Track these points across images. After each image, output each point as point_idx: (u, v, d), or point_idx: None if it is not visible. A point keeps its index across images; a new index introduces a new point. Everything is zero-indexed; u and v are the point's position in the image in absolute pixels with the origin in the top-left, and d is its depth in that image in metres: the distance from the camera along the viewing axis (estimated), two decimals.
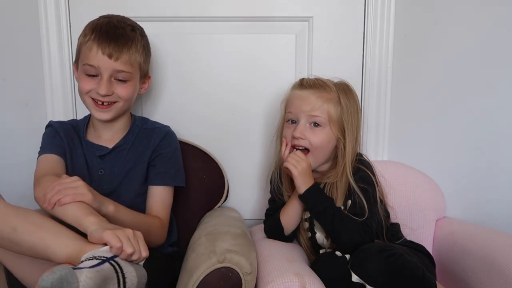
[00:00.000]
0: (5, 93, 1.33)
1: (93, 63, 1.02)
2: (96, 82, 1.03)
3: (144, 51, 1.09)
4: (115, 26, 1.05)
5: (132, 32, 1.07)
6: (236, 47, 1.33)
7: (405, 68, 1.33)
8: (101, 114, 1.06)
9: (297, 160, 1.04)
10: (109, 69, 1.02)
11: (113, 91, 1.04)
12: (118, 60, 1.02)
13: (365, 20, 1.32)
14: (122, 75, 1.04)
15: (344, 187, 1.07)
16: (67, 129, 1.12)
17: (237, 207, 1.36)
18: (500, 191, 1.33)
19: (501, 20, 1.27)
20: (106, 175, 1.09)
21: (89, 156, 1.10)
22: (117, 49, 1.02)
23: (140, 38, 1.08)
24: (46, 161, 1.06)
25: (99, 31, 1.03)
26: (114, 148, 1.10)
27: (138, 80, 1.10)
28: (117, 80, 1.05)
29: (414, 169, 1.32)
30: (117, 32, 1.04)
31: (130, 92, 1.07)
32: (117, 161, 1.10)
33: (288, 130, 1.11)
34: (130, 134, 1.13)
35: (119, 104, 1.07)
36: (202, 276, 0.87)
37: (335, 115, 1.07)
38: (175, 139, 1.16)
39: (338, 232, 1.01)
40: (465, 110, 1.32)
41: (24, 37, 1.31)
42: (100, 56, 1.01)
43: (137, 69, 1.08)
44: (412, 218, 1.25)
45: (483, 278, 1.01)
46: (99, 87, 1.03)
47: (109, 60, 1.01)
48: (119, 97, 1.06)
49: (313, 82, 1.10)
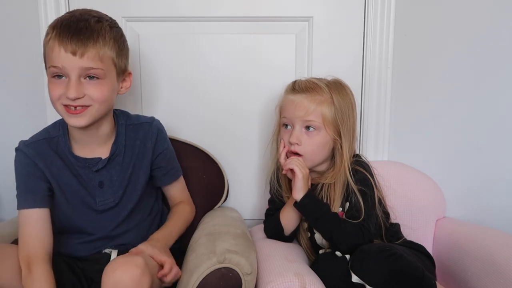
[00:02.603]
0: (5, 93, 1.33)
1: (57, 64, 0.90)
2: (65, 85, 0.91)
3: (116, 43, 0.96)
4: (77, 19, 0.92)
5: (98, 23, 0.93)
6: (236, 47, 1.33)
7: (405, 68, 1.33)
8: (74, 121, 0.93)
9: (301, 165, 1.05)
10: (76, 68, 0.90)
11: (84, 92, 0.92)
12: (83, 56, 0.90)
13: (365, 20, 1.32)
14: (92, 72, 0.92)
15: (341, 187, 1.07)
16: (43, 152, 1.00)
17: (237, 207, 1.36)
18: (500, 191, 1.33)
19: (501, 20, 1.28)
20: (107, 187, 1.02)
21: (82, 172, 1.01)
22: (81, 44, 0.90)
23: (109, 30, 0.95)
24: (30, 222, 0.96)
25: (60, 27, 0.91)
26: (109, 157, 1.02)
27: (115, 78, 0.98)
28: (88, 79, 0.93)
29: (414, 169, 1.32)
30: (79, 25, 0.91)
31: (104, 92, 0.94)
32: (115, 169, 1.03)
33: (285, 134, 1.11)
34: (119, 137, 1.04)
35: (94, 108, 0.94)
36: (202, 276, 0.88)
37: (330, 117, 1.07)
38: (164, 129, 1.12)
39: (336, 238, 1.01)
40: (465, 110, 1.32)
41: (24, 37, 1.31)
42: (63, 55, 0.89)
43: (110, 65, 0.95)
44: (412, 218, 1.25)
45: (483, 278, 1.01)
46: (67, 90, 0.90)
47: (73, 57, 0.89)
48: (92, 100, 0.93)
49: (305, 85, 1.08)
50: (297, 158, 1.06)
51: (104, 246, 1.04)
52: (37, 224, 0.96)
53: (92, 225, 1.04)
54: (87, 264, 1.02)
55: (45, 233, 0.97)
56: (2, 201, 1.34)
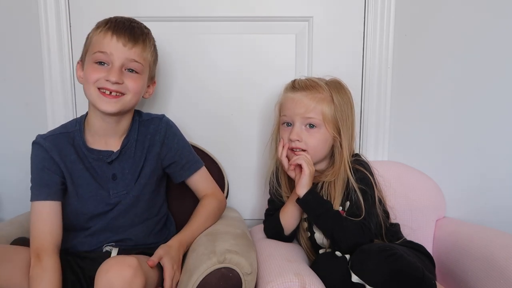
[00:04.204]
0: (5, 93, 1.33)
1: (106, 50, 0.98)
2: (106, 71, 0.99)
3: (154, 52, 1.08)
4: (129, 20, 1.04)
5: (146, 29, 1.06)
6: (236, 47, 1.33)
7: (405, 68, 1.33)
8: (107, 106, 0.99)
9: (309, 162, 1.05)
10: (122, 58, 0.99)
11: (124, 80, 0.99)
12: (132, 49, 0.99)
13: (365, 20, 1.32)
14: (134, 65, 1.00)
15: (342, 185, 1.07)
16: (60, 145, 1.04)
17: (237, 207, 1.36)
18: (500, 191, 1.33)
19: (501, 20, 1.27)
20: (119, 180, 1.06)
21: (96, 165, 1.05)
22: (133, 39, 1.00)
23: (152, 39, 1.07)
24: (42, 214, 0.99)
25: (114, 22, 1.01)
26: (121, 149, 1.06)
27: (146, 80, 1.06)
28: (128, 71, 1.01)
29: (414, 169, 1.32)
30: (132, 24, 1.02)
31: (139, 86, 1.03)
32: (126, 162, 1.07)
33: (285, 133, 1.11)
34: (131, 132, 1.09)
35: (127, 97, 1.01)
36: (202, 276, 0.87)
37: (330, 115, 1.08)
38: (174, 125, 1.15)
39: (337, 235, 1.01)
40: (465, 110, 1.32)
41: (24, 37, 1.31)
42: (114, 43, 0.98)
43: (146, 66, 1.05)
44: (412, 218, 1.25)
45: (483, 278, 1.00)
46: (109, 74, 0.97)
47: (123, 47, 0.98)
48: (127, 89, 1.00)
49: (305, 84, 1.10)
50: (305, 154, 1.07)
51: (108, 240, 1.05)
52: (48, 217, 0.99)
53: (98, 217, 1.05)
54: (88, 262, 1.02)
55: (56, 226, 1.00)
56: (2, 201, 1.34)
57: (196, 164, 1.15)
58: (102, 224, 1.05)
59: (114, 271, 0.81)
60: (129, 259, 0.84)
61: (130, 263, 0.83)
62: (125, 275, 0.81)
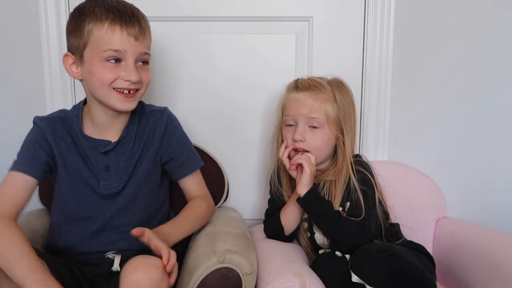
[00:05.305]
0: (5, 93, 1.33)
1: (119, 47, 0.92)
2: (121, 69, 0.94)
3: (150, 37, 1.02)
4: (125, 6, 0.96)
5: (140, 11, 1.00)
6: (237, 47, 1.33)
7: (405, 68, 1.33)
8: (125, 105, 0.97)
9: (310, 162, 1.06)
10: (136, 54, 0.95)
11: (140, 76, 0.96)
12: (143, 41, 0.96)
13: (365, 20, 1.32)
14: (145, 57, 0.98)
15: (343, 185, 1.07)
16: (56, 126, 1.02)
17: (237, 207, 1.36)
18: (500, 191, 1.33)
19: (501, 20, 1.27)
20: (113, 172, 1.02)
21: (90, 153, 1.02)
22: (141, 30, 0.95)
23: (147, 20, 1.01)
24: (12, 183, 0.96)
25: (117, 12, 0.93)
26: (118, 141, 1.02)
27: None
28: (141, 64, 0.98)
29: (414, 169, 1.32)
30: (134, 13, 0.96)
31: (149, 76, 1.00)
32: (123, 154, 1.03)
33: (288, 133, 1.11)
34: (131, 123, 1.04)
35: (142, 91, 0.99)
36: (202, 276, 0.88)
37: (333, 114, 1.08)
38: (176, 119, 1.11)
39: (337, 236, 1.02)
40: (465, 110, 1.32)
41: (24, 37, 1.31)
42: (126, 38, 0.93)
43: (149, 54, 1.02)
44: (412, 218, 1.25)
45: (483, 278, 1.01)
46: (129, 74, 0.94)
47: (135, 42, 0.94)
48: (142, 83, 0.98)
49: (308, 84, 1.10)
50: (307, 154, 1.07)
51: (107, 240, 1.02)
52: (17, 188, 0.96)
53: (92, 209, 1.02)
54: (89, 268, 1.00)
55: (22, 200, 0.97)
56: None
57: (195, 163, 1.12)
58: (100, 223, 1.02)
59: (143, 271, 0.79)
60: (154, 260, 0.82)
61: (156, 264, 0.81)
62: (152, 276, 0.79)
